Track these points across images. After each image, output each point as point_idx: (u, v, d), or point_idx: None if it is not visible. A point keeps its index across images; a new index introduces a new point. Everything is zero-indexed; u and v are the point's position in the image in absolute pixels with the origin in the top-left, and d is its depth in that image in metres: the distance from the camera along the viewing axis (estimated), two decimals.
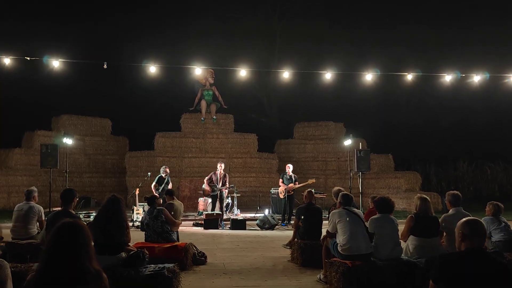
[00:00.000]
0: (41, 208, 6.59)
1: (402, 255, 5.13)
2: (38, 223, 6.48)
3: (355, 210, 5.38)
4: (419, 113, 25.68)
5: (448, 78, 12.36)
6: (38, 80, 18.26)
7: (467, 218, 2.94)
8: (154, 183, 11.34)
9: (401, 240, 5.21)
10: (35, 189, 6.74)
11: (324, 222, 6.84)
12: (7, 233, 5.99)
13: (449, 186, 19.44)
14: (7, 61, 10.43)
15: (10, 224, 6.59)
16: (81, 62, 13.47)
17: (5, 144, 15.97)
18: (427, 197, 5.31)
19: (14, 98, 20.95)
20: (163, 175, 11.47)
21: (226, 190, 11.73)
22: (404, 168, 18.28)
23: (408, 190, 15.77)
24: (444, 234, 5.26)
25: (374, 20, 26.17)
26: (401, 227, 5.27)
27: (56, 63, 10.71)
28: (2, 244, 2.71)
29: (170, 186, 11.26)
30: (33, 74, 16.49)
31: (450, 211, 5.41)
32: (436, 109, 24.88)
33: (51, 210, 10.14)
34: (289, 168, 11.49)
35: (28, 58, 10.26)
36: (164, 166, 11.79)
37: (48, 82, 17.83)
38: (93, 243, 2.42)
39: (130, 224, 9.52)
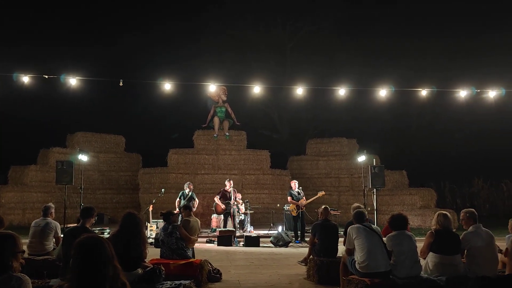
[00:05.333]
0: (58, 224, 6.64)
1: (422, 272, 5.02)
2: (54, 239, 6.52)
3: (373, 226, 5.30)
4: (433, 130, 25.44)
5: (463, 94, 12.28)
6: (54, 98, 18.58)
7: None
8: (178, 199, 11.57)
9: (420, 257, 5.11)
10: (52, 205, 6.79)
11: (340, 239, 6.76)
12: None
13: (464, 203, 19.08)
14: (26, 79, 10.64)
15: (26, 240, 6.61)
16: (96, 80, 13.69)
17: (21, 161, 16.16)
18: (448, 213, 5.22)
19: (30, 116, 21.35)
20: (187, 191, 11.67)
21: (242, 206, 11.74)
22: (418, 185, 18.07)
23: (423, 207, 15.55)
24: (465, 251, 5.15)
25: (387, 33, 26.18)
26: (418, 244, 5.18)
27: (73, 81, 10.91)
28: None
29: (196, 202, 11.50)
30: (50, 92, 16.77)
31: (470, 228, 5.29)
32: (450, 125, 24.63)
33: (65, 226, 10.18)
34: (295, 184, 11.46)
35: (46, 76, 10.45)
36: (188, 183, 12.11)
37: (64, 100, 18.13)
38: None
39: None
